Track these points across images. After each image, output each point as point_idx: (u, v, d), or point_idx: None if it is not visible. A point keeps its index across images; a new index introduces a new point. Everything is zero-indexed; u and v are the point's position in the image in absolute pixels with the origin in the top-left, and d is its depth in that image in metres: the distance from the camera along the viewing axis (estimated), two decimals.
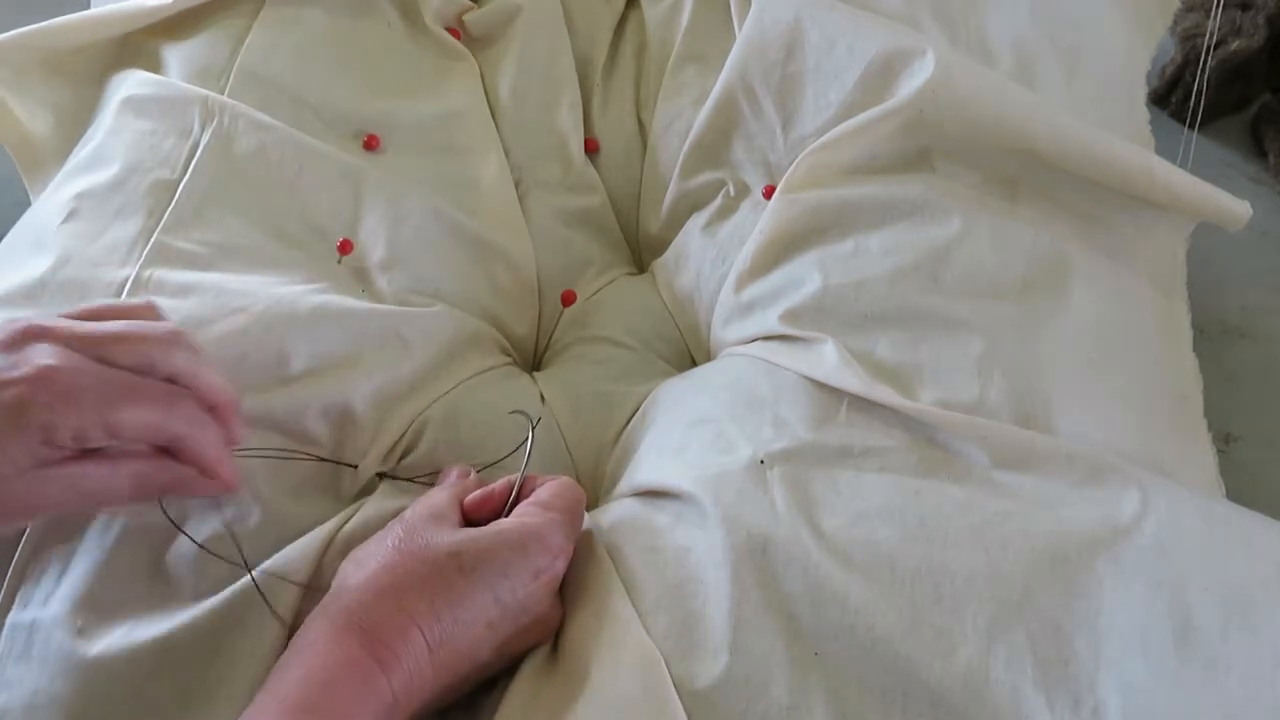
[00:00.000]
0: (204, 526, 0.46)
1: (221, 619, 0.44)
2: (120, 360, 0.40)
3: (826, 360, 0.52)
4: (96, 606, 0.44)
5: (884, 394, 0.49)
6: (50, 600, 0.45)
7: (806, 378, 0.52)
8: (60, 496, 0.38)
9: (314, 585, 0.45)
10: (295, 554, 0.46)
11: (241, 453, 0.46)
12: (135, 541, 0.46)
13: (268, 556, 0.46)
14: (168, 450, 0.41)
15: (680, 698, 0.41)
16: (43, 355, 0.38)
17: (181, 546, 0.46)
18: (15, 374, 0.37)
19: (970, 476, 0.47)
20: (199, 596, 0.45)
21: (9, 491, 0.37)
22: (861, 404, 0.50)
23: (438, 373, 0.56)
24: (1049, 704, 0.40)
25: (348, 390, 0.52)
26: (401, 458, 0.53)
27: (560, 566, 0.45)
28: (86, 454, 0.39)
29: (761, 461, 0.48)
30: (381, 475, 0.52)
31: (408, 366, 0.54)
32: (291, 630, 0.43)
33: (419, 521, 0.44)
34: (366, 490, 0.52)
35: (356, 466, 0.51)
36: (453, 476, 0.50)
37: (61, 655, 0.43)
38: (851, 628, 0.42)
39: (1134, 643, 0.41)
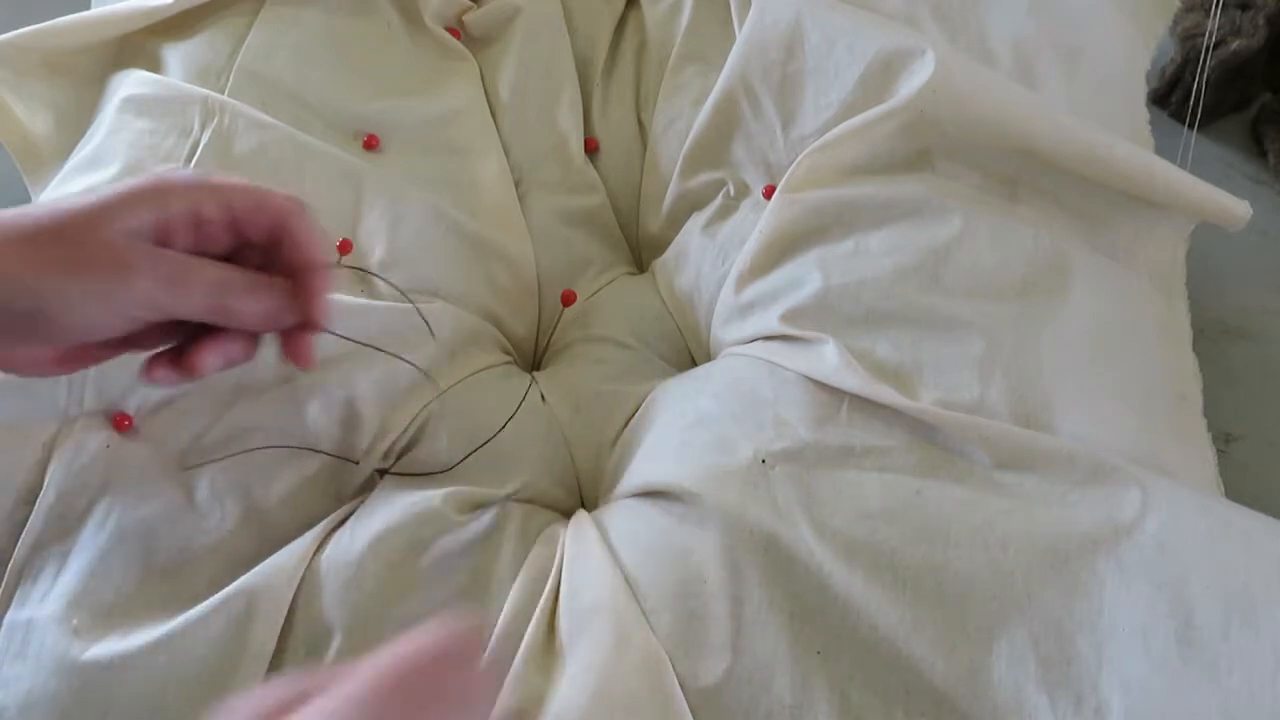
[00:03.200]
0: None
1: (219, 620, 0.44)
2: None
3: (828, 360, 0.52)
4: (92, 606, 0.44)
5: (885, 394, 0.49)
6: (47, 599, 0.45)
7: (807, 378, 0.52)
8: (149, 271, 0.38)
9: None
10: (289, 556, 0.46)
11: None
12: (130, 541, 0.46)
13: (266, 557, 0.46)
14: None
15: (685, 696, 0.41)
16: None
17: (177, 545, 0.46)
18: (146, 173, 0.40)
19: (971, 476, 0.47)
20: (196, 598, 0.44)
21: (106, 247, 0.37)
22: (862, 404, 0.50)
23: (439, 369, 0.56)
24: (1051, 703, 0.40)
25: (349, 385, 0.52)
26: (402, 454, 0.53)
27: None
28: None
29: (763, 461, 0.48)
30: (382, 473, 0.52)
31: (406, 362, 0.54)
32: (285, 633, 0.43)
33: None
34: (366, 487, 0.52)
35: (358, 463, 0.51)
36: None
37: (56, 654, 0.43)
38: (854, 627, 0.42)
39: (1136, 642, 0.41)
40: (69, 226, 0.38)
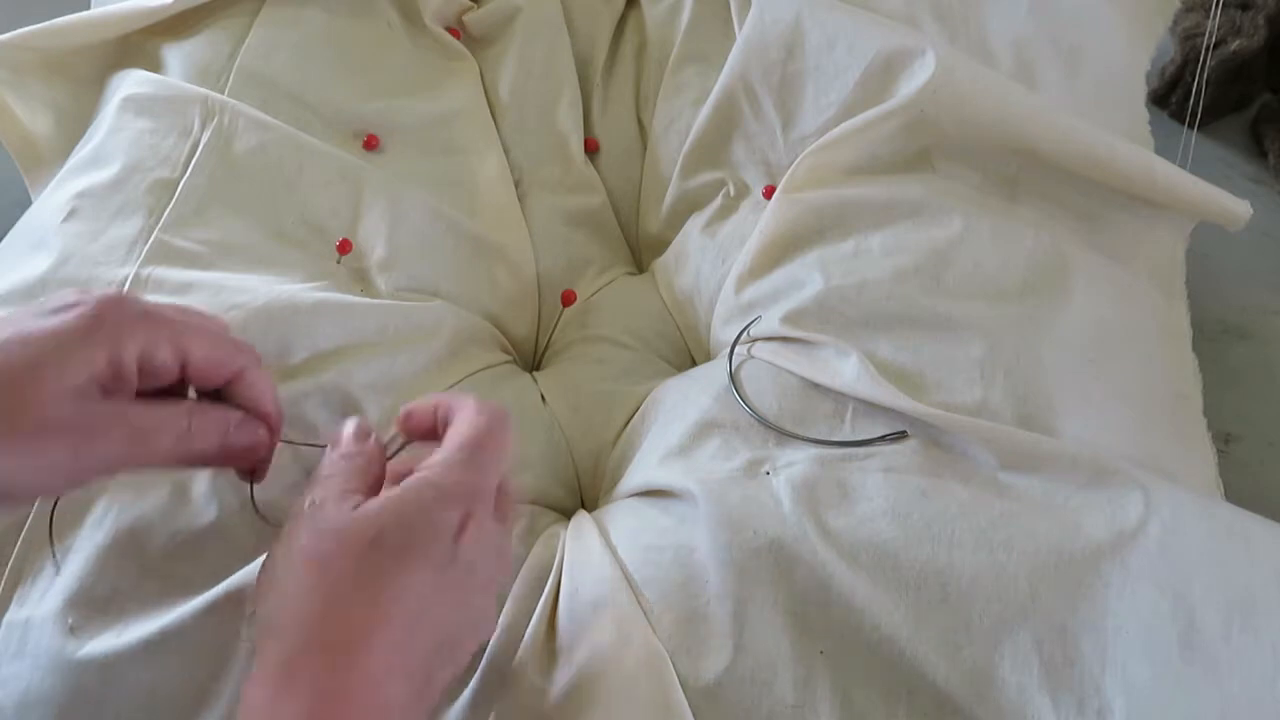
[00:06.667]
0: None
1: (215, 616, 0.43)
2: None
3: (831, 364, 0.52)
4: (89, 604, 0.44)
5: (894, 398, 0.49)
6: (45, 598, 0.45)
7: (809, 380, 0.52)
8: (108, 436, 0.34)
9: None
10: None
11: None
12: (127, 539, 0.46)
13: (268, 549, 0.45)
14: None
15: (685, 694, 0.41)
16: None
17: (174, 542, 0.46)
18: (89, 299, 0.35)
19: (976, 478, 0.47)
20: (192, 594, 0.44)
21: (58, 418, 0.33)
22: (866, 406, 0.50)
23: (439, 367, 0.56)
24: (1054, 704, 0.40)
25: (348, 381, 0.52)
26: (402, 446, 0.53)
27: (481, 509, 0.38)
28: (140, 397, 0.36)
29: (765, 461, 0.48)
30: None
31: (406, 359, 0.54)
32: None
33: (318, 516, 0.37)
34: None
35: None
36: (346, 440, 0.41)
37: (52, 653, 0.43)
38: (857, 627, 0.42)
39: (1139, 644, 0.41)
40: (8, 389, 0.33)
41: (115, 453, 0.35)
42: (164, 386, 0.38)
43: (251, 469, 0.42)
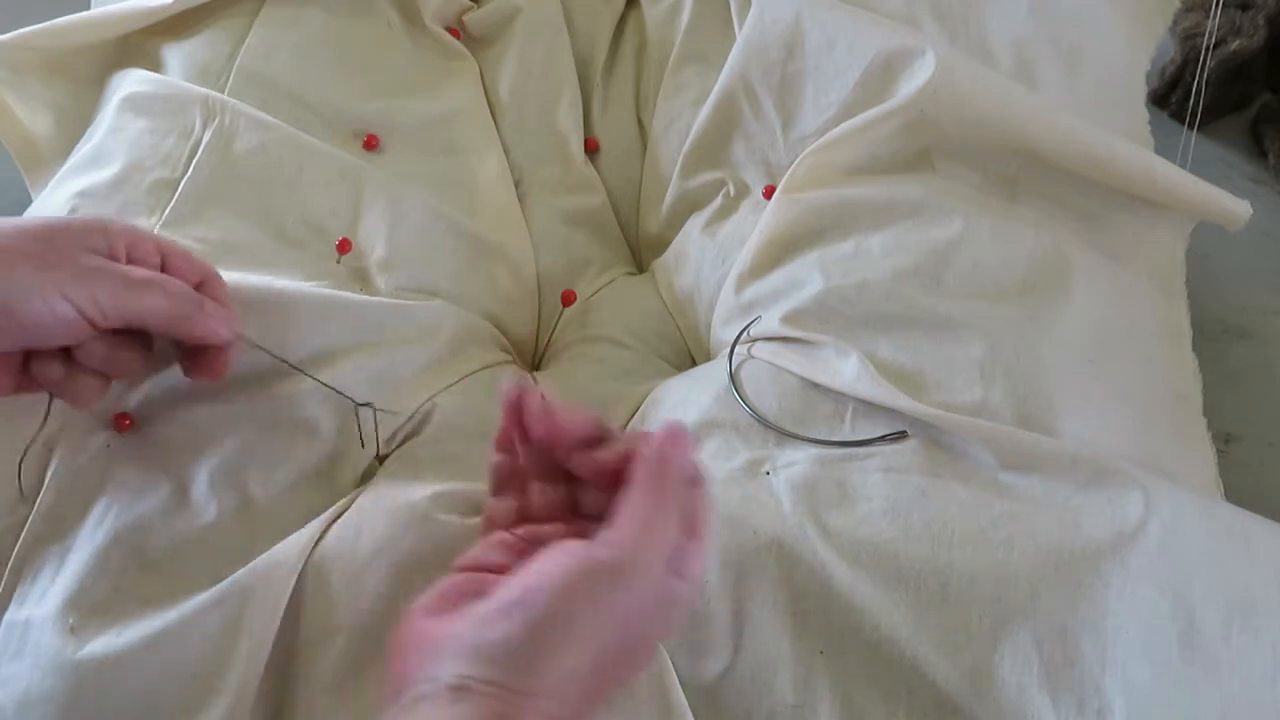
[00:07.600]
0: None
1: (215, 615, 0.43)
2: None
3: (831, 364, 0.52)
4: (88, 604, 0.44)
5: (894, 398, 0.49)
6: (44, 598, 0.45)
7: (809, 380, 0.52)
8: (105, 275, 0.42)
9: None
10: (287, 550, 0.45)
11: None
12: (127, 539, 0.46)
13: (267, 548, 0.46)
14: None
15: (685, 694, 0.41)
16: None
17: (174, 541, 0.46)
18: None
19: (976, 477, 0.47)
20: (193, 593, 0.44)
21: (68, 259, 0.42)
22: (866, 406, 0.50)
23: (439, 366, 0.56)
24: (1054, 704, 0.40)
25: (348, 380, 0.52)
26: (404, 441, 0.53)
27: (654, 577, 0.37)
28: None
29: (765, 461, 0.48)
30: (381, 459, 0.52)
31: (406, 359, 0.54)
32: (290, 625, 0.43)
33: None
34: (365, 477, 0.52)
35: (363, 446, 0.51)
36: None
37: (51, 653, 0.43)
38: (857, 627, 0.42)
39: (1139, 644, 0.41)
40: (40, 232, 0.42)
41: (112, 291, 0.42)
42: None
43: (212, 362, 0.47)
